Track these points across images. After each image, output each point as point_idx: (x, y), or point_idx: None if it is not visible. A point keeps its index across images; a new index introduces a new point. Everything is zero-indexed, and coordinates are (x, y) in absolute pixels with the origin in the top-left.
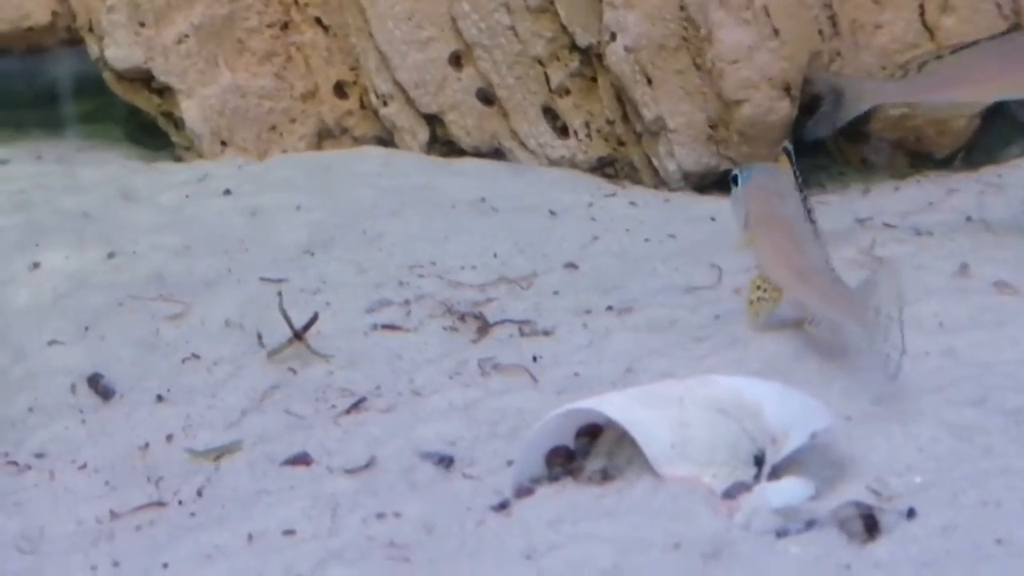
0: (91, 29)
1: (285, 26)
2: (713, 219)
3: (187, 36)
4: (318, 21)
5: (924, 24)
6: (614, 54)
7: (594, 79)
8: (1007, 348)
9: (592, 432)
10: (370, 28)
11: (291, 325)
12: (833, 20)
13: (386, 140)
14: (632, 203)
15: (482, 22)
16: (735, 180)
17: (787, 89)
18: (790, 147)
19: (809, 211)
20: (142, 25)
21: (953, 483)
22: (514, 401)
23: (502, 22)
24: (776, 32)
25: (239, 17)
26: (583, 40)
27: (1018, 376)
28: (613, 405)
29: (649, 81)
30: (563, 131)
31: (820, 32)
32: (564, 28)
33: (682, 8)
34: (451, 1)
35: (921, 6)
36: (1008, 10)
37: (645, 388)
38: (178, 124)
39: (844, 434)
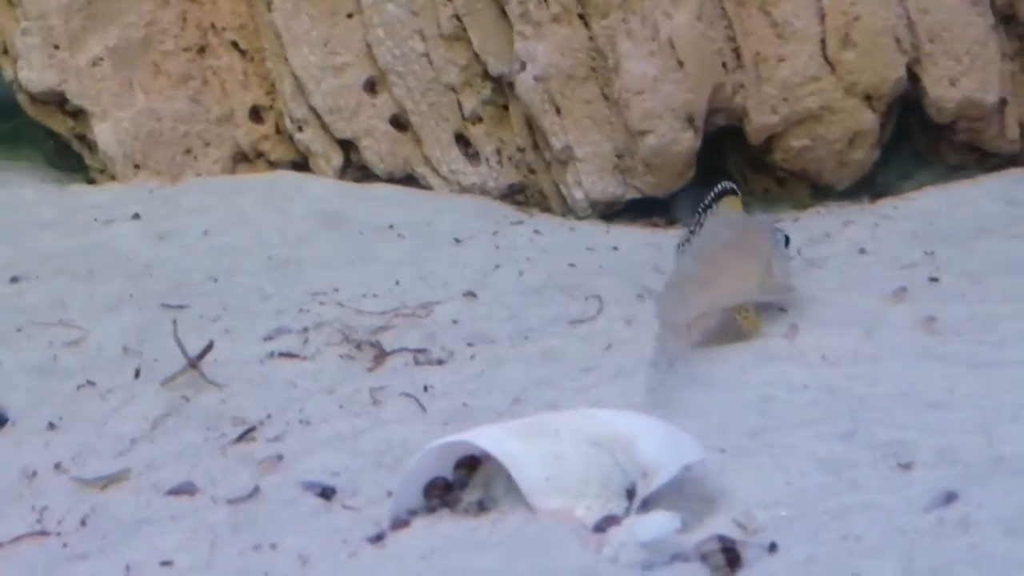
0: (5, 51)
1: (202, 50)
2: (616, 248)
3: (102, 59)
4: (235, 45)
5: (825, 58)
6: (524, 83)
7: (506, 107)
8: (881, 382)
9: (471, 464)
10: (286, 53)
11: (185, 353)
12: (737, 52)
13: (301, 165)
14: (537, 231)
15: (396, 49)
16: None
17: (691, 120)
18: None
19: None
20: (56, 48)
21: (817, 517)
22: (400, 431)
23: (416, 49)
24: (681, 64)
25: (155, 40)
26: (495, 68)
27: (889, 410)
28: (489, 438)
29: (558, 110)
30: (475, 158)
31: (724, 64)
32: (477, 56)
33: (591, 39)
34: (366, 27)
35: (822, 40)
36: (908, 45)
37: (523, 420)
38: (92, 147)
39: (717, 467)
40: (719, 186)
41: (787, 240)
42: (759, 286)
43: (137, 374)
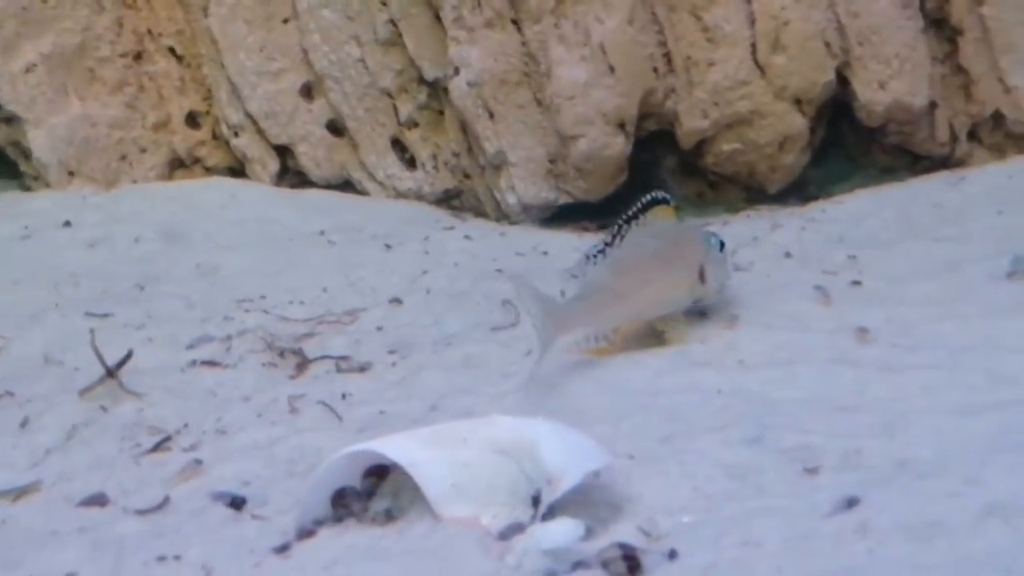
0: None
1: (138, 56)
2: (545, 253)
3: (36, 65)
4: (171, 51)
5: (756, 62)
6: (457, 89)
7: (442, 112)
8: (793, 387)
9: (380, 472)
10: (222, 59)
11: (103, 362)
12: (668, 57)
13: (238, 171)
14: (467, 237)
15: (332, 54)
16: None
17: (622, 125)
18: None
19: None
20: None
21: (719, 523)
22: (315, 440)
23: (352, 54)
24: (612, 69)
25: (90, 47)
26: (430, 74)
27: (798, 415)
28: (396, 446)
29: (491, 115)
30: (411, 163)
31: (655, 69)
32: (412, 61)
33: (524, 44)
34: (302, 33)
35: (753, 45)
36: (837, 48)
37: (431, 428)
38: (26, 154)
39: (625, 473)
40: (648, 196)
41: (722, 245)
42: (686, 296)
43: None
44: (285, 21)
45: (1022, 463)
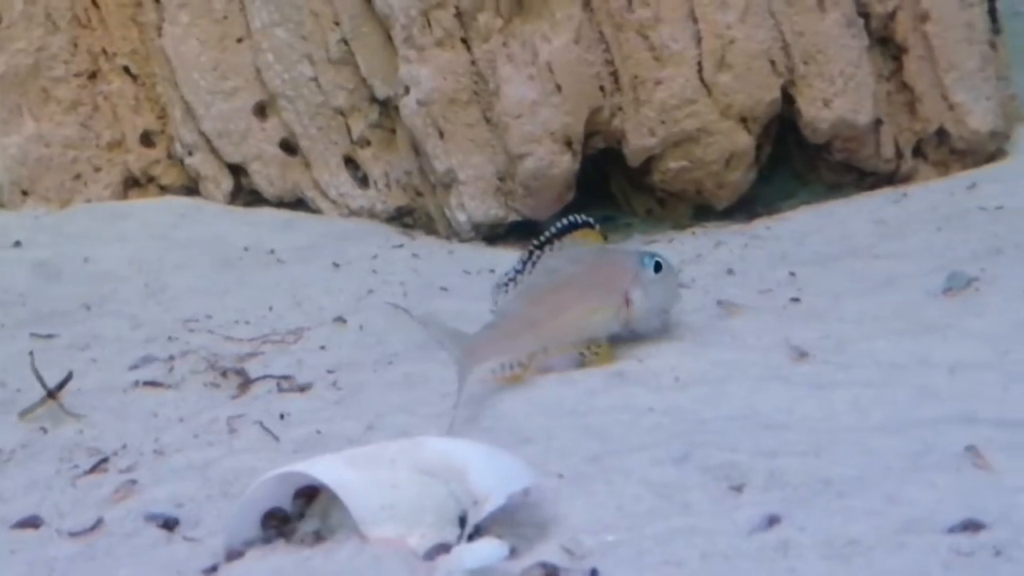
0: None
1: (93, 75)
2: (492, 271)
3: None
4: (126, 70)
5: (702, 80)
6: (408, 107)
7: (393, 130)
8: (724, 404)
9: (310, 493)
10: (176, 78)
11: (43, 384)
12: (615, 76)
13: (193, 189)
14: (415, 255)
15: (285, 73)
16: None
17: (569, 143)
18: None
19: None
20: None
21: (642, 542)
22: (250, 460)
23: (305, 73)
24: (559, 88)
25: (44, 66)
26: (382, 92)
27: (726, 433)
28: (324, 467)
29: (441, 134)
30: (363, 181)
31: (602, 88)
32: (364, 80)
33: (473, 63)
34: (256, 52)
35: (699, 63)
36: (783, 67)
37: (360, 450)
38: None
39: (554, 493)
40: (564, 220)
41: (658, 265)
42: (609, 322)
43: None
44: (239, 41)
45: (941, 480)
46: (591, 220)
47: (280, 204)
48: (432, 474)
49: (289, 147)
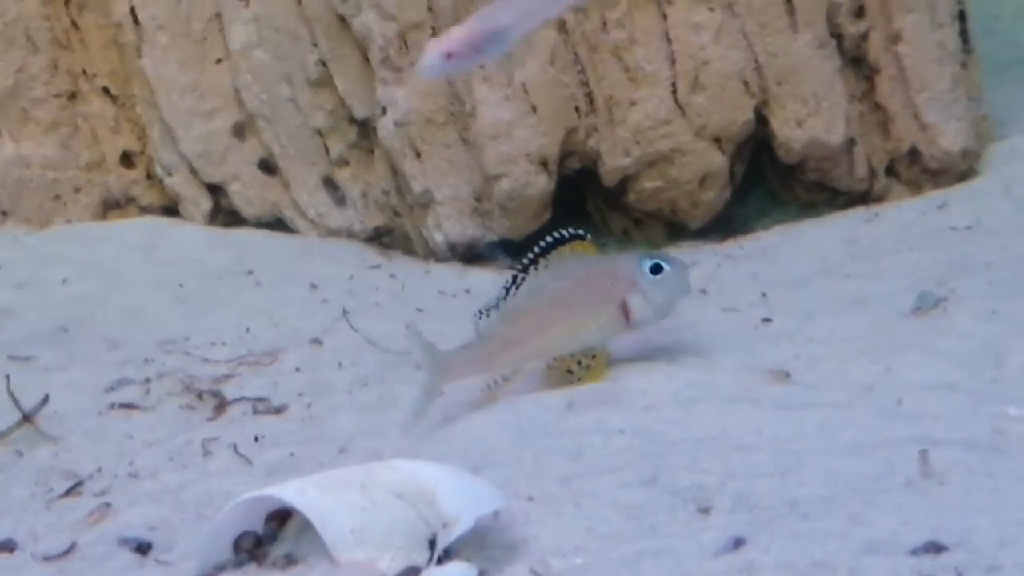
0: None
1: (72, 96)
2: (468, 291)
3: None
4: (106, 91)
5: (676, 102)
6: (385, 128)
7: (372, 151)
8: (694, 426)
9: (282, 517)
10: (155, 99)
11: (20, 407)
12: (589, 97)
13: (173, 210)
14: (392, 276)
15: (264, 94)
16: None
17: (544, 164)
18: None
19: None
20: None
21: (610, 564)
22: (224, 484)
23: (283, 94)
24: (534, 109)
25: (24, 87)
26: (360, 113)
27: (695, 455)
28: (295, 491)
29: (418, 155)
30: (342, 201)
31: (577, 109)
32: (343, 101)
33: (450, 84)
34: (234, 73)
35: (673, 84)
36: (756, 88)
37: (330, 473)
38: None
39: (523, 515)
40: (553, 236)
41: (657, 267)
42: (598, 334)
43: None
44: (218, 62)
45: (905, 502)
46: (581, 232)
47: (259, 224)
48: (402, 497)
49: (268, 167)
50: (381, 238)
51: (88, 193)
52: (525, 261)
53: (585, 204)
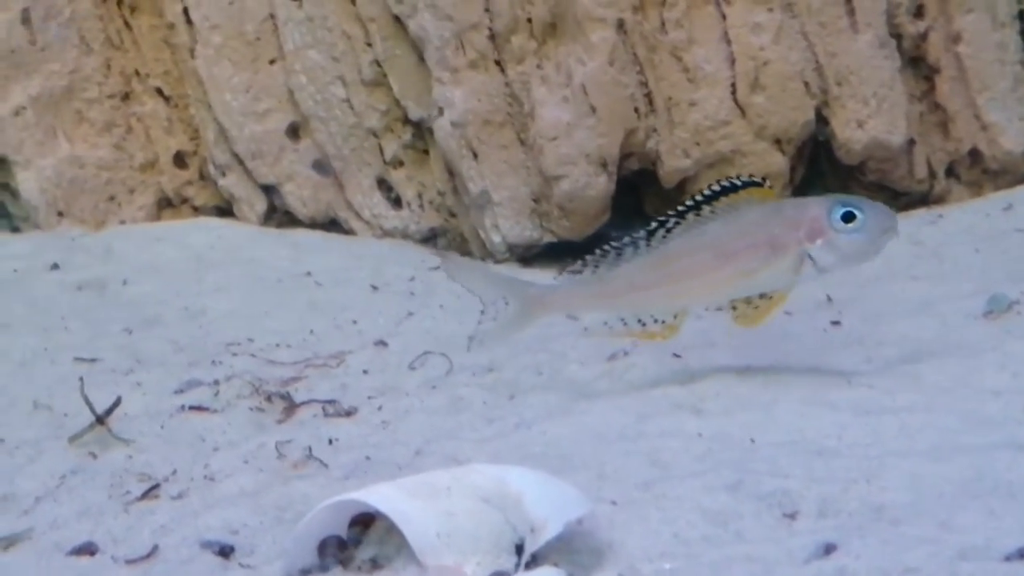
0: None
1: (126, 96)
2: None
3: (24, 108)
4: (159, 91)
5: (736, 102)
6: (442, 129)
7: (427, 151)
8: (772, 430)
9: (366, 521)
10: (209, 99)
11: (93, 410)
12: (649, 97)
13: (226, 210)
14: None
15: (318, 94)
16: None
17: (604, 165)
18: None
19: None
20: None
21: (699, 570)
22: (302, 487)
23: (338, 95)
24: (593, 109)
25: (78, 88)
26: (415, 113)
27: (776, 460)
28: (381, 496)
29: (475, 155)
30: (397, 202)
31: (636, 110)
32: (397, 102)
33: (507, 84)
34: (288, 73)
35: (733, 84)
36: (816, 88)
37: (416, 478)
38: (15, 195)
39: (608, 520)
40: (721, 183)
41: (849, 215)
42: (763, 281)
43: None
44: (271, 62)
45: (994, 508)
46: (758, 178)
47: (313, 225)
48: (488, 501)
49: (322, 168)
50: (436, 239)
51: (142, 193)
52: (681, 208)
53: (642, 205)
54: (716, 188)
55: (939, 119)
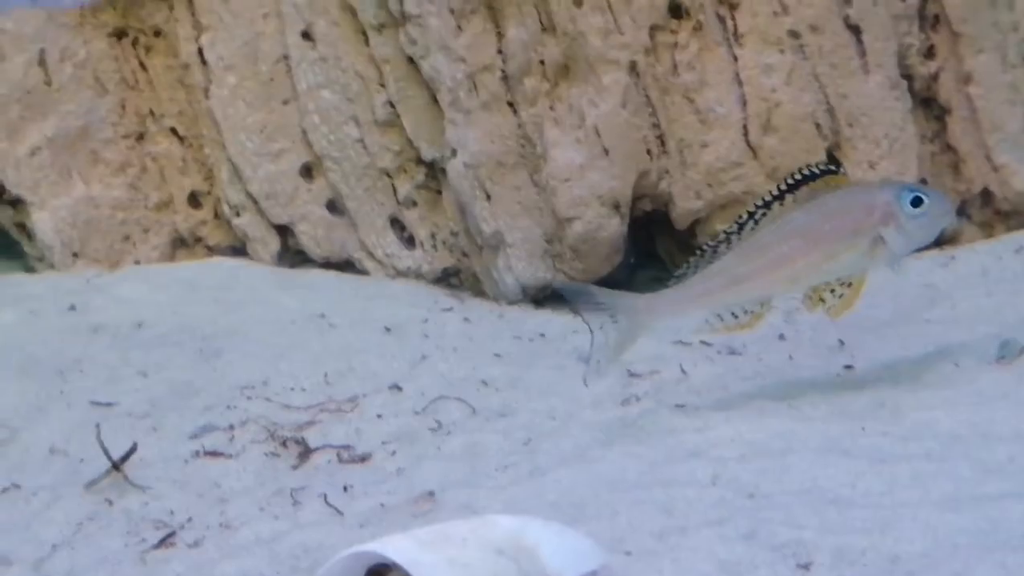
0: None
1: (140, 137)
2: (543, 335)
3: (40, 148)
4: (173, 131)
5: (748, 143)
6: (454, 169)
7: (440, 192)
8: (786, 478)
9: (382, 571)
10: (223, 139)
11: (109, 456)
12: (661, 139)
13: (240, 250)
14: (466, 319)
15: (332, 135)
16: None
17: (617, 207)
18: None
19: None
20: None
21: None
22: (318, 535)
23: (351, 135)
24: (606, 151)
25: (94, 129)
26: (428, 154)
27: (791, 508)
28: (397, 548)
29: (488, 196)
30: (410, 242)
31: (648, 151)
32: (410, 142)
33: (520, 126)
34: (302, 114)
35: (744, 126)
36: (827, 129)
37: (431, 528)
38: (30, 236)
39: (622, 570)
40: (804, 170)
41: (917, 200)
42: (847, 265)
43: None
44: (285, 102)
45: (1010, 561)
46: (833, 166)
47: (327, 265)
48: (503, 553)
49: (335, 208)
50: (449, 279)
51: (157, 233)
52: (767, 197)
53: (655, 246)
54: (798, 177)
55: (950, 160)
